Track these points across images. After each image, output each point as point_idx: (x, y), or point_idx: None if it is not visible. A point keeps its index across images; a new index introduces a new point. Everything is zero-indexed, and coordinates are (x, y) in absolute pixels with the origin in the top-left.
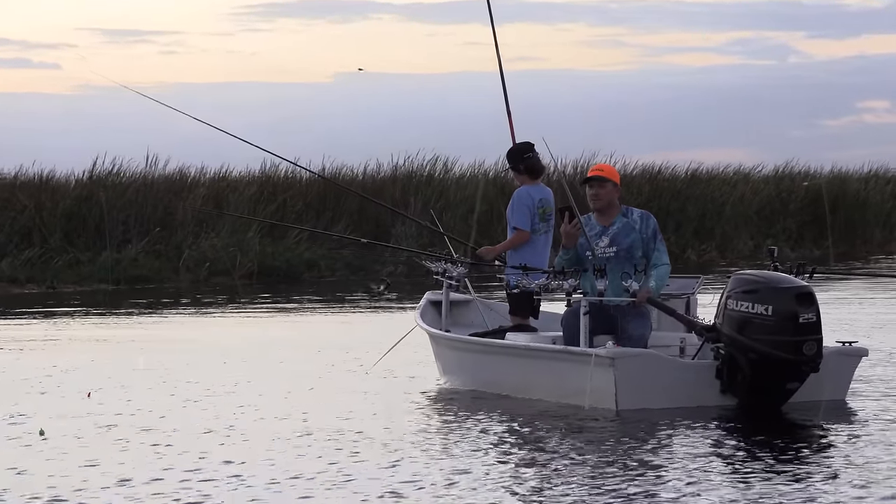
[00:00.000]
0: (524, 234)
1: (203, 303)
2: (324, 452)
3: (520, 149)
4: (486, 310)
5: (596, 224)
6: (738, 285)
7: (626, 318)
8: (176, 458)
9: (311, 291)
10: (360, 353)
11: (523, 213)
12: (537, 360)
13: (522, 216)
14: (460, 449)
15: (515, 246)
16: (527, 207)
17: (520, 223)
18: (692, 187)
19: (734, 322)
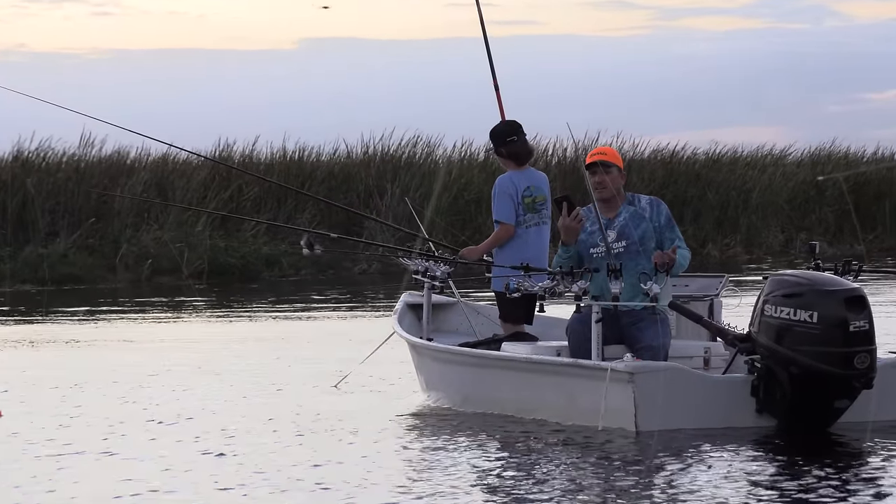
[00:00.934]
0: (507, 227)
1: (144, 307)
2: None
3: (502, 130)
4: (472, 314)
5: (599, 215)
6: (778, 288)
7: (641, 326)
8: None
9: (271, 293)
10: (328, 365)
11: (504, 203)
12: (542, 374)
13: (503, 207)
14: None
15: (499, 242)
16: (508, 196)
17: (500, 215)
18: (713, 172)
19: (773, 330)
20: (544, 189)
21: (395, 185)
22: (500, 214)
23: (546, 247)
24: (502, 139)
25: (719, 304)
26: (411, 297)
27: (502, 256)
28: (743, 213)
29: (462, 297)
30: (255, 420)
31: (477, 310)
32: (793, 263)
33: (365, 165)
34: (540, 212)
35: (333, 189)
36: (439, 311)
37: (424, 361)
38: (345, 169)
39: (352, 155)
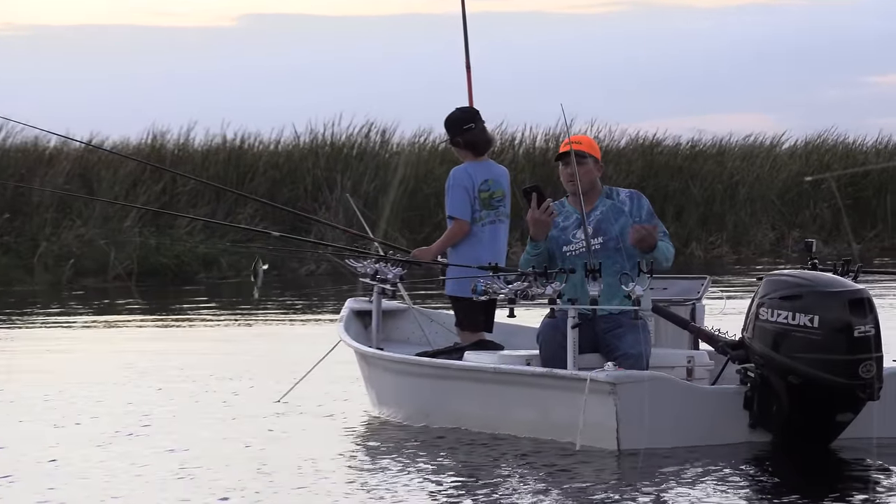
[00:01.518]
0: (461, 224)
1: (65, 312)
2: None
3: (458, 117)
4: (425, 322)
5: (572, 210)
6: (774, 289)
7: (619, 332)
8: None
9: (207, 297)
10: (268, 377)
11: (458, 197)
12: (511, 386)
13: (457, 201)
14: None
15: (454, 241)
16: (463, 190)
17: (454, 210)
18: (697, 163)
19: (769, 336)
20: (503, 184)
21: (345, 177)
22: (454, 209)
23: (502, 248)
24: (458, 127)
25: (702, 308)
26: (357, 302)
27: (455, 257)
28: (730, 209)
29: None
30: (186, 442)
31: (430, 316)
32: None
33: (312, 155)
34: (497, 208)
35: (277, 182)
36: (387, 319)
37: (376, 373)
38: (290, 159)
39: (298, 143)
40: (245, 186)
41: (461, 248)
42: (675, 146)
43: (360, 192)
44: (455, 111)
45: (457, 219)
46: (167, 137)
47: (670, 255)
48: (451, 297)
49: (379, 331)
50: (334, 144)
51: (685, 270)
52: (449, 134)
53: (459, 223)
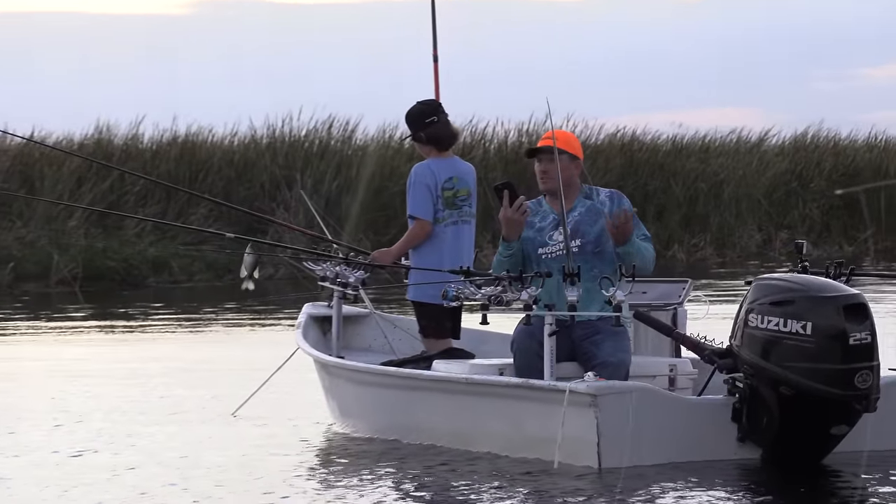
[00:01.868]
0: (423, 224)
1: (3, 318)
2: None
3: (420, 111)
4: (388, 328)
5: (549, 210)
6: (764, 294)
7: (597, 339)
8: None
9: (158, 302)
10: (222, 388)
11: (420, 195)
12: (484, 398)
13: (418, 200)
14: None
15: (415, 242)
16: (425, 188)
17: (415, 209)
18: (679, 160)
19: (758, 344)
20: (469, 181)
21: (306, 175)
22: (415, 209)
23: (466, 250)
24: (420, 121)
25: (683, 313)
26: (315, 307)
27: (417, 259)
28: (714, 209)
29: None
30: (135, 460)
31: (393, 322)
32: (772, 266)
33: (270, 151)
34: (461, 208)
35: (232, 180)
36: (347, 325)
37: (338, 384)
38: (246, 156)
39: (255, 139)
40: (198, 185)
41: (423, 251)
42: (656, 142)
43: (321, 191)
44: (416, 104)
45: (418, 219)
46: (114, 132)
47: (650, 257)
48: (413, 302)
49: (339, 337)
50: (293, 140)
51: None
52: (410, 129)
53: (420, 223)
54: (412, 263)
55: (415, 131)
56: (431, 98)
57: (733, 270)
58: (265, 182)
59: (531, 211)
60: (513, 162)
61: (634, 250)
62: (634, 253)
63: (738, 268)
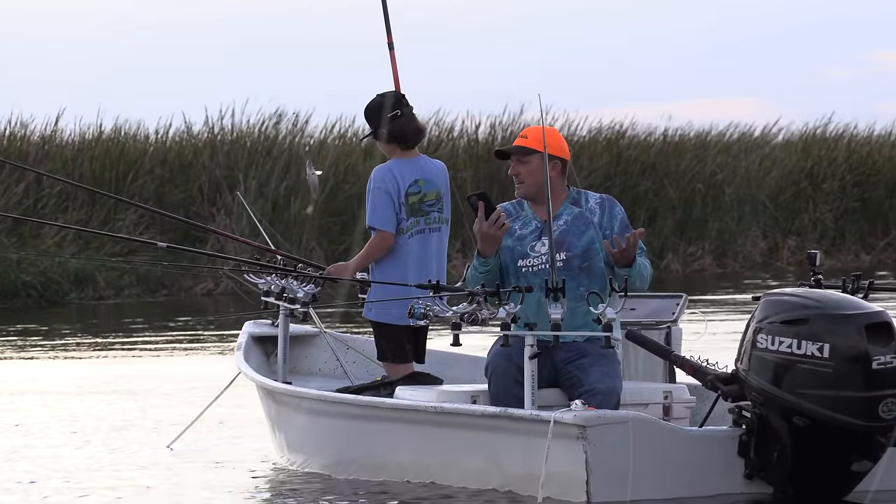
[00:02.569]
0: (383, 236)
1: None
2: None
3: (380, 103)
4: (340, 349)
5: (531, 216)
6: (775, 312)
7: (584, 364)
8: None
9: (81, 321)
10: (155, 419)
11: (379, 204)
12: (456, 429)
13: (377, 210)
14: None
15: (375, 256)
16: (385, 195)
17: (373, 220)
18: (674, 158)
19: (769, 368)
20: (438, 183)
21: (250, 176)
22: (374, 219)
23: (434, 262)
24: (381, 116)
25: (678, 332)
26: (257, 326)
27: (378, 274)
28: (713, 213)
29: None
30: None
31: (346, 343)
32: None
33: (209, 149)
34: (428, 214)
35: (166, 182)
36: (294, 346)
37: (286, 414)
38: (182, 154)
39: (191, 135)
40: (126, 188)
41: (384, 265)
42: (647, 137)
43: (267, 194)
44: (376, 97)
45: (377, 230)
46: (30, 128)
47: (648, 274)
48: (372, 322)
49: (286, 360)
50: (236, 136)
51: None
52: (370, 125)
53: (381, 236)
54: (373, 278)
55: (375, 128)
56: (392, 89)
57: (735, 283)
58: (203, 184)
59: (510, 215)
60: (485, 160)
61: (636, 273)
62: (636, 275)
63: (740, 280)
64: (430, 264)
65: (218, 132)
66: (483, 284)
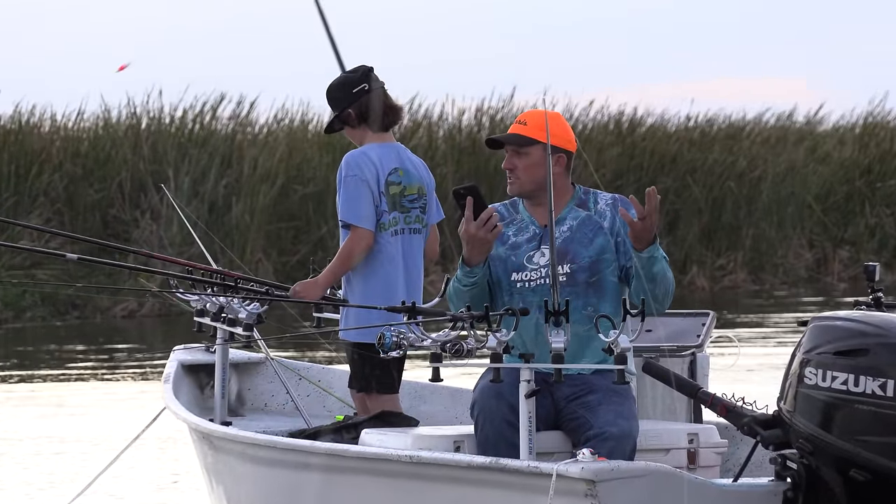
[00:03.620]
0: (361, 234)
1: None
2: None
3: (346, 80)
4: (291, 380)
5: (528, 219)
6: (827, 340)
7: (591, 401)
8: None
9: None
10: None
11: (356, 194)
12: (435, 483)
13: (352, 201)
14: None
15: (353, 259)
16: (363, 183)
17: (349, 213)
18: (699, 150)
19: (819, 409)
20: (422, 175)
21: (182, 172)
22: (350, 212)
23: (419, 271)
24: (346, 92)
25: (705, 360)
26: (189, 353)
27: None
28: (747, 218)
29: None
30: None
31: (298, 372)
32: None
33: (131, 139)
34: (409, 211)
35: (79, 179)
36: (236, 377)
37: (225, 462)
38: (98, 146)
39: (110, 123)
40: (29, 185)
41: (366, 270)
42: (666, 125)
43: (202, 194)
44: (343, 74)
45: (355, 227)
46: None
47: (671, 282)
48: (354, 345)
49: (225, 395)
50: (164, 125)
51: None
52: (334, 107)
53: (358, 233)
54: (350, 290)
55: (341, 108)
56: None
57: (775, 303)
58: (124, 182)
59: (503, 218)
60: (469, 153)
61: (661, 260)
62: (660, 269)
63: (780, 299)
64: (415, 271)
65: (143, 119)
66: (467, 303)
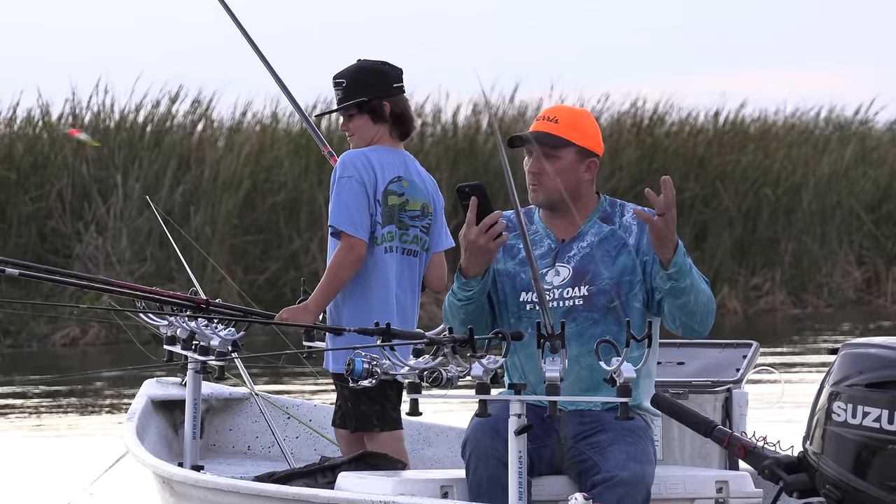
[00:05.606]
0: (353, 244)
1: None
2: None
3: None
4: (278, 419)
5: (543, 231)
6: (858, 370)
7: (600, 442)
8: None
9: None
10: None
11: (351, 197)
12: None
13: (347, 204)
14: None
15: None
16: (359, 186)
17: (340, 219)
18: (731, 152)
19: (849, 451)
20: (429, 191)
21: (131, 178)
22: (341, 217)
23: (417, 297)
24: (385, 84)
25: (742, 398)
26: (161, 387)
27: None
28: (786, 231)
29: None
30: None
31: (286, 409)
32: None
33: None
34: (407, 229)
35: (11, 185)
36: (216, 415)
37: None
38: (34, 148)
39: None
40: None
41: (356, 288)
42: (692, 123)
43: (155, 202)
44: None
45: (348, 235)
46: None
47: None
48: (334, 376)
49: (197, 436)
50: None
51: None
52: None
53: (349, 242)
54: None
55: (370, 97)
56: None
57: (820, 328)
58: (65, 189)
59: (512, 230)
60: (466, 154)
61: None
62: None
63: (826, 324)
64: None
65: (87, 116)
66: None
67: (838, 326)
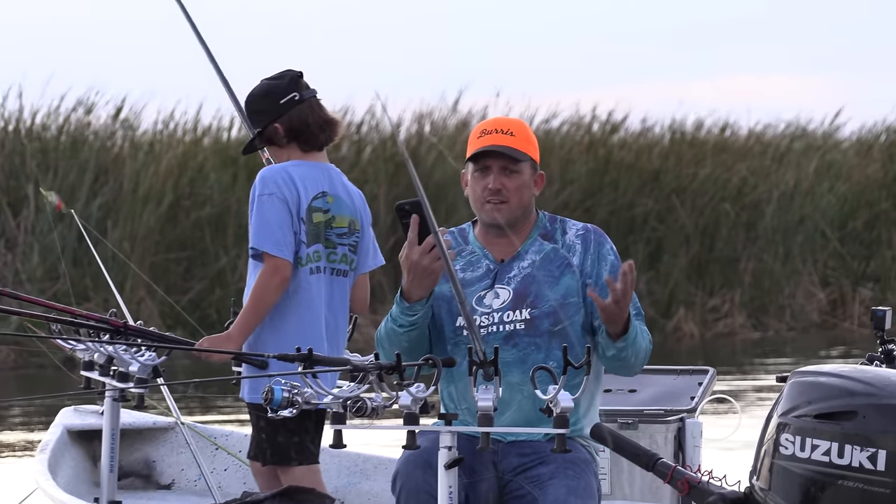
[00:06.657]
0: (276, 264)
1: None
2: None
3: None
4: (206, 450)
5: (480, 251)
6: (807, 400)
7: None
8: None
9: None
10: None
11: (273, 215)
12: None
13: (269, 224)
14: None
15: (268, 298)
16: (281, 204)
17: (262, 240)
18: (688, 165)
19: (797, 486)
20: (356, 206)
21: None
22: (262, 238)
23: (346, 321)
24: (272, 105)
25: (696, 428)
26: (79, 415)
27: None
28: (746, 248)
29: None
30: None
31: (216, 441)
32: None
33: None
34: (335, 248)
35: None
36: (136, 443)
37: None
38: None
39: None
40: None
41: (275, 316)
42: (646, 134)
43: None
44: (262, 81)
45: (268, 255)
46: None
47: (646, 347)
48: (250, 406)
49: (114, 469)
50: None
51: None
52: (256, 122)
53: (273, 264)
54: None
55: (265, 120)
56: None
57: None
58: None
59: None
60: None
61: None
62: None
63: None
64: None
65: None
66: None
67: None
